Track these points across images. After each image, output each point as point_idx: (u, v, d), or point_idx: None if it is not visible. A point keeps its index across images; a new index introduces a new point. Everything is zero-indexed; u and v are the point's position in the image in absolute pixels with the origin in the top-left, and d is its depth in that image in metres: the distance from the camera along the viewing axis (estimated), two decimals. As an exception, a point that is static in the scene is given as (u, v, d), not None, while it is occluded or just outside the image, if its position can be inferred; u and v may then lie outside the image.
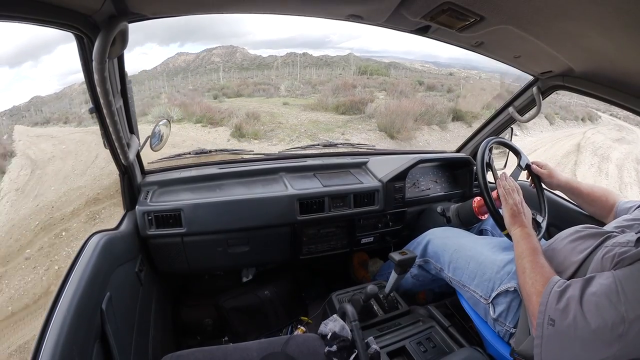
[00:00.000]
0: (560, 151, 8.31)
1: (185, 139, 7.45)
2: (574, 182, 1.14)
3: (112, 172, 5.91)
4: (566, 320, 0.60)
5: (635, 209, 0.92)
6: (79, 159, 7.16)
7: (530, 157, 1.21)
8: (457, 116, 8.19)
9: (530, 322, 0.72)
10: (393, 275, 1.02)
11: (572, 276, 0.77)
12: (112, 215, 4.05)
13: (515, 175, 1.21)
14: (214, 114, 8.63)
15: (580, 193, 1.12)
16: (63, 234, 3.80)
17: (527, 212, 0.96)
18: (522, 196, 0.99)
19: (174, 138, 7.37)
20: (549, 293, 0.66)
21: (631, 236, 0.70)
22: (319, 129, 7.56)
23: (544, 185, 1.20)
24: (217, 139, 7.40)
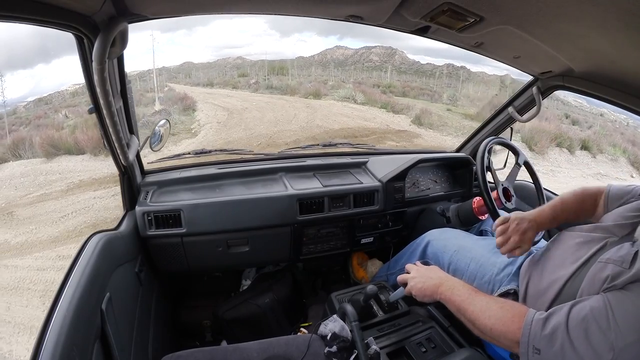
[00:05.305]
0: None
1: (376, 116, 10.44)
2: (545, 220, 0.91)
3: (310, 123, 8.87)
4: (552, 349, 0.57)
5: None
6: (277, 113, 9.92)
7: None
8: (585, 147, 9.48)
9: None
10: (401, 291, 0.99)
11: (562, 289, 0.74)
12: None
13: (513, 173, 1.22)
14: (394, 104, 11.58)
15: (563, 219, 0.93)
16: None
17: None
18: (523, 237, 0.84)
19: (365, 114, 10.66)
20: (530, 323, 0.61)
21: (627, 250, 0.65)
22: (480, 133, 10.07)
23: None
24: (401, 122, 9.96)
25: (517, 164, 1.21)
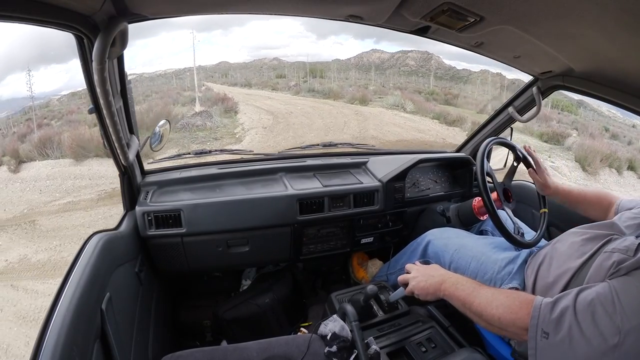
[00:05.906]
0: None
1: (430, 128, 9.86)
2: (565, 188, 1.08)
3: (363, 132, 8.27)
4: (560, 332, 0.58)
5: None
6: (326, 120, 9.20)
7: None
8: (632, 167, 9.29)
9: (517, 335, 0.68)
10: (401, 291, 0.99)
11: (569, 282, 0.75)
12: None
13: (512, 171, 1.22)
14: (446, 115, 11.21)
15: (576, 200, 1.06)
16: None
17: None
18: None
19: (418, 124, 10.12)
20: (539, 307, 0.62)
21: (631, 241, 0.68)
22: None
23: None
24: (456, 135, 9.27)
25: (515, 161, 1.21)
